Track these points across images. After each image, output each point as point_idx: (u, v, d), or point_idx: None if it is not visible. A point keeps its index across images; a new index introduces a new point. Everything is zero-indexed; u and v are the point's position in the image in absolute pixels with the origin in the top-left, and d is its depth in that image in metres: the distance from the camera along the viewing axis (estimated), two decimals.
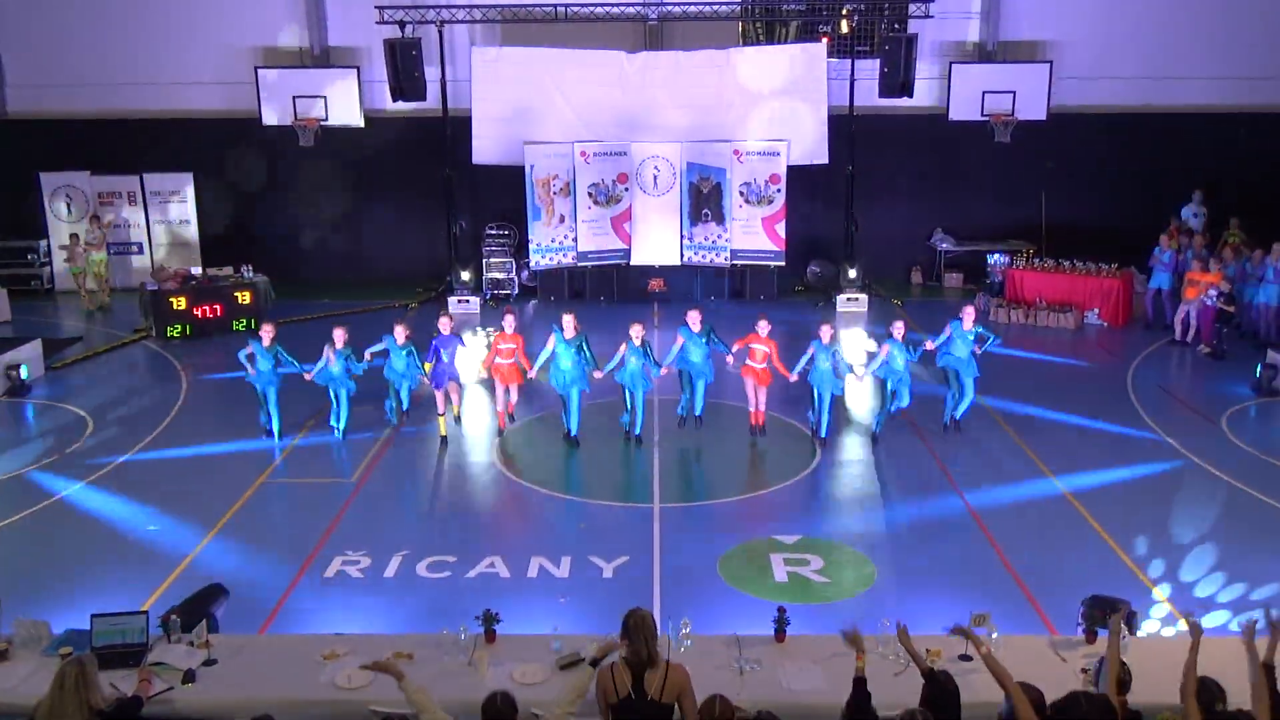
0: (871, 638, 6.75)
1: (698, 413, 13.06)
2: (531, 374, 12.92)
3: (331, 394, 12.93)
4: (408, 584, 9.57)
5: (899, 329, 12.58)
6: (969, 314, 12.78)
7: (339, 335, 12.70)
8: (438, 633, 6.95)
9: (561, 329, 12.45)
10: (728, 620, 8.40)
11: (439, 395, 12.96)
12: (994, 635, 6.71)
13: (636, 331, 12.50)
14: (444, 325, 12.95)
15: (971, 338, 12.72)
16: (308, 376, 12.76)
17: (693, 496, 11.61)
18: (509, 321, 12.87)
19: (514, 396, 13.22)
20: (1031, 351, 17.31)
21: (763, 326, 12.53)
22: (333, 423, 13.08)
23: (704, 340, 12.77)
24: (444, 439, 12.87)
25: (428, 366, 12.85)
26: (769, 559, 9.97)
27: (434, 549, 10.18)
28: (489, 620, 6.91)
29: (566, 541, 10.38)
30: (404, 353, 12.77)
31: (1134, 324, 18.70)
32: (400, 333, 12.77)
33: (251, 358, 12.75)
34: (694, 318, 12.77)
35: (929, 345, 12.88)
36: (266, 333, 12.86)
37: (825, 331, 12.50)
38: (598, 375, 12.52)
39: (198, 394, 15.21)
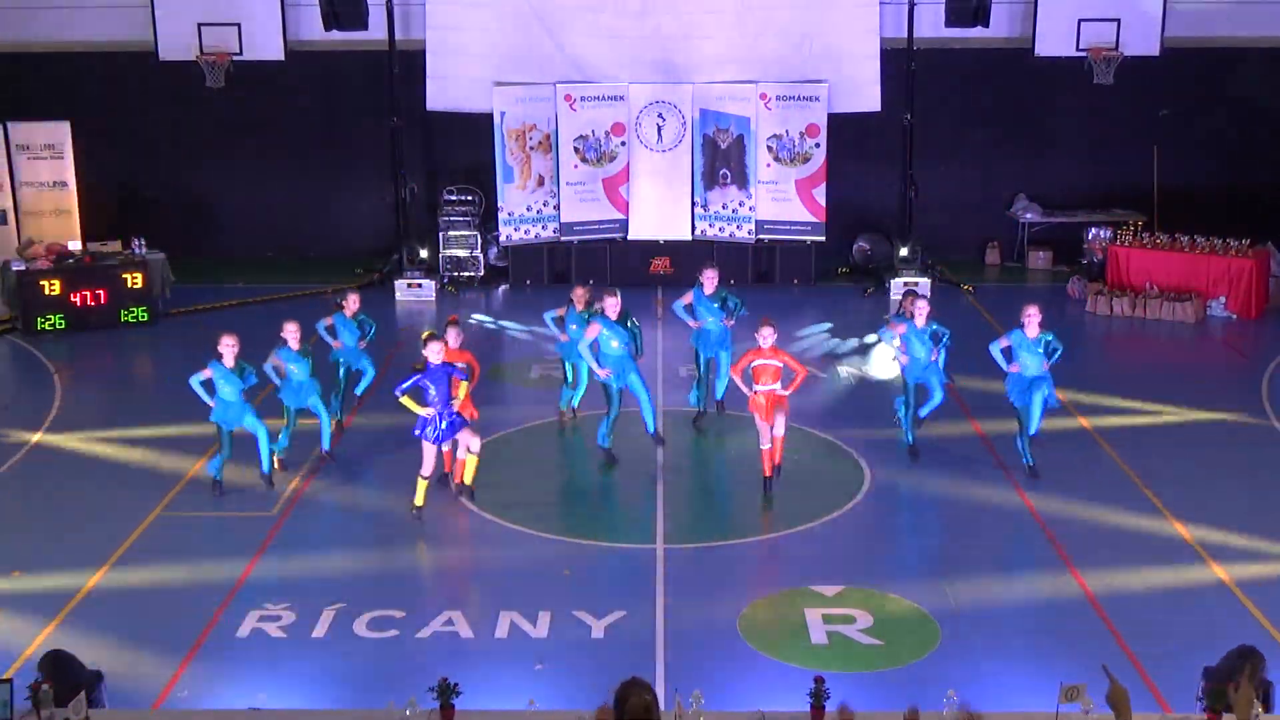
0: (934, 715, 6.75)
1: (719, 396, 13.45)
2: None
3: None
4: (343, 645, 9.56)
5: (921, 310, 12.75)
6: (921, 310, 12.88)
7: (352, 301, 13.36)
8: (381, 708, 6.94)
9: (604, 312, 12.62)
10: (752, 693, 8.41)
11: (429, 452, 11.61)
12: (1090, 712, 6.72)
13: (611, 305, 12.55)
14: (435, 353, 11.31)
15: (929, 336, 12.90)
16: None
17: (707, 535, 11.60)
18: (453, 335, 12.24)
19: (475, 445, 11.77)
20: (1140, 351, 17.30)
21: (766, 335, 11.93)
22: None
23: (718, 306, 13.58)
24: (419, 510, 11.74)
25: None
26: (804, 615, 9.96)
27: (376, 601, 10.16)
28: (446, 692, 6.91)
29: (546, 592, 10.36)
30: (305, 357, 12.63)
31: (1271, 316, 18.73)
32: (292, 332, 12.46)
33: (210, 385, 11.88)
34: (710, 277, 13.69)
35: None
36: (229, 347, 11.81)
37: (921, 310, 12.71)
38: (602, 375, 12.69)
39: (75, 403, 15.21)
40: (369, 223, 21.99)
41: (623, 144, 20.46)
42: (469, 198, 20.96)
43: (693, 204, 20.70)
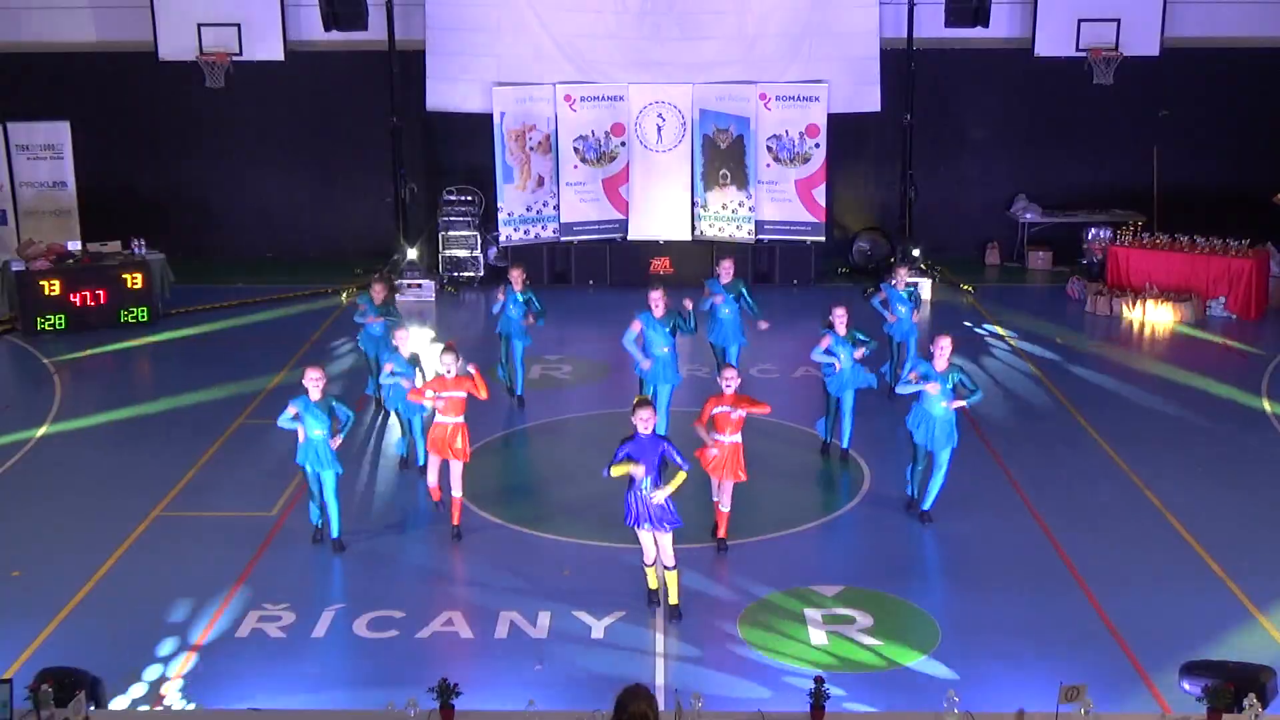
0: (935, 717, 6.76)
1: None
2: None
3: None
4: (342, 646, 9.57)
5: (841, 318, 12.65)
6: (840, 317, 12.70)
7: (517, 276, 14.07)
8: (381, 709, 6.95)
9: (650, 309, 12.74)
10: (752, 694, 8.41)
11: (645, 540, 9.91)
12: (1089, 712, 6.73)
13: (657, 300, 12.70)
14: (644, 420, 9.62)
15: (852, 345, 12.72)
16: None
17: (707, 536, 11.59)
18: (450, 361, 11.17)
19: (456, 487, 11.28)
20: (1139, 350, 17.31)
21: (730, 380, 10.70)
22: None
23: (733, 297, 13.91)
24: (653, 591, 10.21)
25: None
26: (804, 616, 9.97)
27: (376, 602, 10.18)
28: (446, 693, 6.92)
29: (545, 592, 10.38)
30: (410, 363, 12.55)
31: (1271, 316, 18.73)
32: (402, 338, 12.41)
33: (299, 420, 10.76)
34: (726, 268, 14.10)
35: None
36: (315, 381, 10.70)
37: (840, 318, 12.65)
38: (645, 365, 12.88)
39: (74, 403, 15.21)
40: (369, 223, 21.99)
41: (623, 144, 20.47)
42: (469, 198, 20.96)
43: (692, 204, 20.71)
